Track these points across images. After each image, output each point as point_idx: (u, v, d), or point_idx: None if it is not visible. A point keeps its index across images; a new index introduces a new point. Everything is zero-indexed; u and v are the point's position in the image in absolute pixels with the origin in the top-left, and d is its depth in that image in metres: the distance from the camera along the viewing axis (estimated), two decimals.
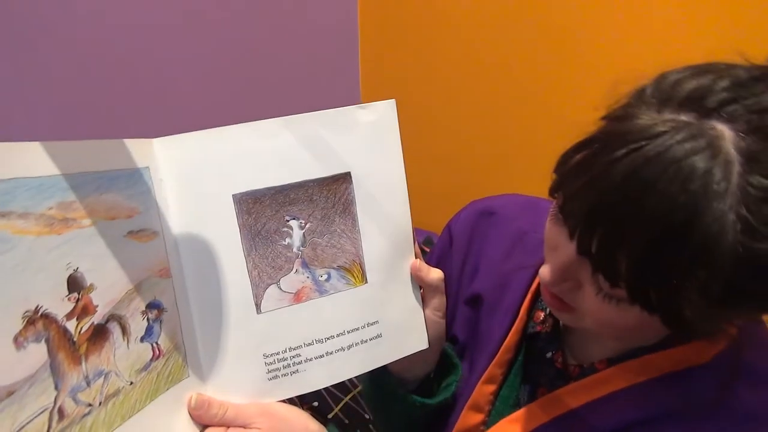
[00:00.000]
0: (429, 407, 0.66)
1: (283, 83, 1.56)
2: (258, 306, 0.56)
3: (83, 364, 0.45)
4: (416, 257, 0.62)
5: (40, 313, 0.42)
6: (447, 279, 0.74)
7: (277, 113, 0.56)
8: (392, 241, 0.60)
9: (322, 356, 0.58)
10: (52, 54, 1.21)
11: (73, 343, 0.44)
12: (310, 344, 0.57)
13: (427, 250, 1.47)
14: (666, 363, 0.55)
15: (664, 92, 0.45)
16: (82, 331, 0.45)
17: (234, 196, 0.54)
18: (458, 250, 0.74)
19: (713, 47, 0.49)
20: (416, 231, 1.82)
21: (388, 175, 0.58)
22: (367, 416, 1.18)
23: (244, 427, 0.53)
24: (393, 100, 0.58)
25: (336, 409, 1.24)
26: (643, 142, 0.42)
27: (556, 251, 0.51)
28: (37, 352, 0.41)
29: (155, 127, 1.35)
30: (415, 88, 1.61)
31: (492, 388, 0.65)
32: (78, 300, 0.45)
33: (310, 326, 0.57)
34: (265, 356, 0.56)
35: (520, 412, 0.61)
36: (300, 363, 0.57)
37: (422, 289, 0.62)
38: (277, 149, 0.55)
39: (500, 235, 0.71)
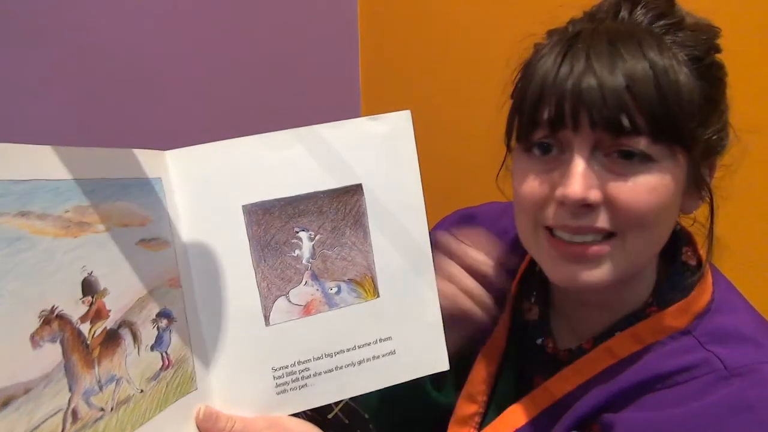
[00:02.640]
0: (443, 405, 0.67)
1: (283, 83, 1.56)
2: (267, 318, 0.56)
3: (96, 368, 0.45)
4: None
5: (55, 314, 0.42)
6: None
7: (277, 113, 0.58)
8: (407, 255, 0.59)
9: (331, 371, 0.57)
10: (55, 57, 1.21)
11: (87, 346, 0.45)
12: (319, 358, 0.57)
13: None
14: (647, 333, 0.57)
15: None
16: (95, 335, 0.45)
17: (244, 207, 0.54)
18: None
19: None
20: None
21: (402, 188, 0.58)
22: (367, 416, 1.19)
23: None
24: (408, 111, 0.58)
25: (336, 410, 1.24)
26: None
27: (557, 175, 0.54)
28: (52, 352, 0.42)
29: (154, 125, 1.37)
30: (415, 89, 1.61)
31: (483, 377, 0.66)
32: (92, 303, 0.45)
33: (319, 340, 0.57)
34: (274, 369, 0.56)
35: (514, 407, 0.62)
36: (309, 377, 0.57)
37: None
38: (286, 161, 0.55)
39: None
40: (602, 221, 0.53)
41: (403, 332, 0.59)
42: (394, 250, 0.58)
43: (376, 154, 0.57)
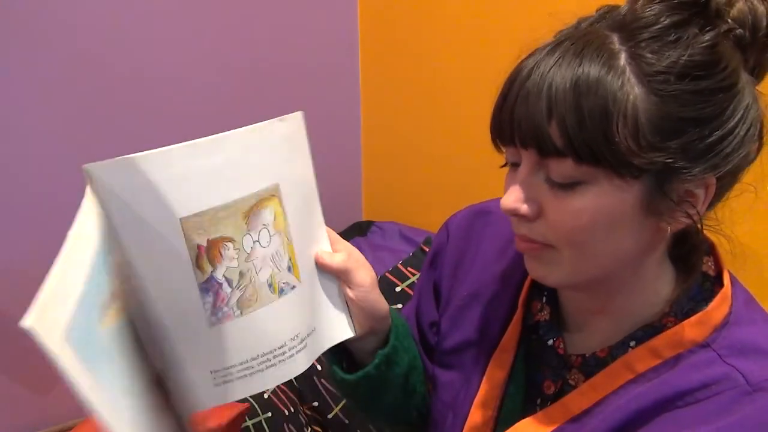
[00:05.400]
0: (349, 383, 0.68)
1: (284, 83, 1.57)
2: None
3: None
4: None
5: None
6: (442, 276, 0.75)
7: (276, 113, 0.58)
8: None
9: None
10: (48, 60, 1.21)
11: None
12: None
13: (427, 249, 1.48)
14: (665, 347, 0.56)
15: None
16: None
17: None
18: (454, 248, 0.75)
19: None
20: (416, 231, 1.78)
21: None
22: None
23: None
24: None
25: (336, 409, 1.24)
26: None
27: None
28: None
29: (152, 126, 1.37)
30: (415, 89, 1.61)
31: (497, 382, 0.65)
32: None
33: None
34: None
35: (528, 420, 0.61)
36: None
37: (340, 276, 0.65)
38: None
39: (495, 234, 0.72)
40: (536, 233, 0.55)
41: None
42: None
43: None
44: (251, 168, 0.56)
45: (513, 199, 0.54)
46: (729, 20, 0.51)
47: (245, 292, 0.58)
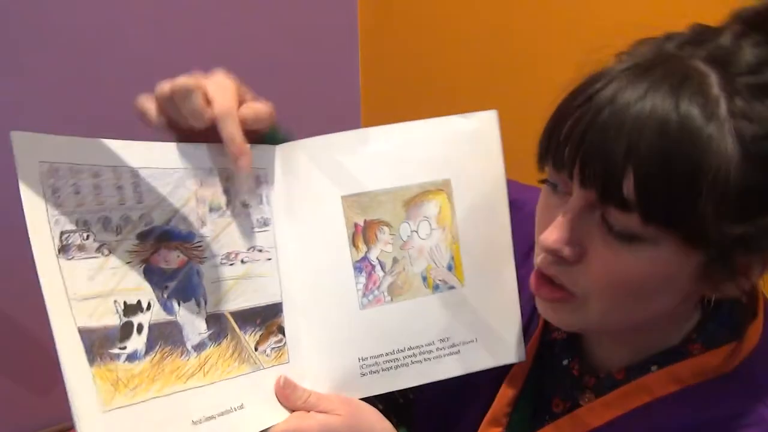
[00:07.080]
0: None
1: (283, 84, 1.56)
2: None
3: None
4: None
5: None
6: None
7: (276, 113, 0.59)
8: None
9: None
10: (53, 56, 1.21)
11: None
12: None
13: None
14: (689, 374, 0.53)
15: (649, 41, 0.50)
16: None
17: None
18: None
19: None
20: None
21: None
22: (402, 401, 1.18)
23: (326, 413, 0.55)
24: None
25: None
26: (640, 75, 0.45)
27: (554, 216, 0.50)
28: None
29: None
30: (415, 89, 1.61)
31: (508, 399, 0.64)
32: None
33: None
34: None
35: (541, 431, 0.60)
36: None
37: None
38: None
39: (522, 234, 0.67)
40: (568, 279, 0.50)
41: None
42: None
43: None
44: (418, 159, 0.59)
45: (556, 238, 0.48)
46: None
47: (397, 279, 0.59)
